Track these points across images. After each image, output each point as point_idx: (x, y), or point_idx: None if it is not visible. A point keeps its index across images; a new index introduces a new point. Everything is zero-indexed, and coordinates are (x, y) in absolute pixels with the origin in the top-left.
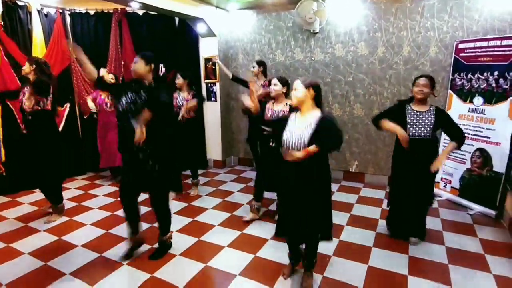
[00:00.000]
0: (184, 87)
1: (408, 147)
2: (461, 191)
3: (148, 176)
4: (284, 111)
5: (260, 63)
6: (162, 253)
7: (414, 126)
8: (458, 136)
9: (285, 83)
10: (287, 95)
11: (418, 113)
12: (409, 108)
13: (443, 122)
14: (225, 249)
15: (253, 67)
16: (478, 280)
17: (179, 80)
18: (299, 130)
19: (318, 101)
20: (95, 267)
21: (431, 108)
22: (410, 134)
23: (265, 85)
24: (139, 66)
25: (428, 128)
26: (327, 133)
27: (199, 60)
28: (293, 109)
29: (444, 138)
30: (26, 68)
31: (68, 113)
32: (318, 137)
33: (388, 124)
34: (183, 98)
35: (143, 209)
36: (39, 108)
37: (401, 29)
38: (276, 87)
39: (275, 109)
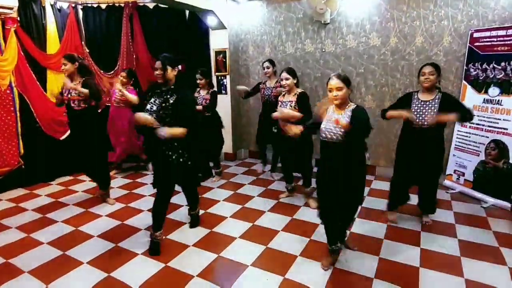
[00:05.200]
0: (205, 86)
1: (416, 128)
2: (474, 183)
3: (176, 171)
4: (292, 101)
5: (273, 62)
6: (196, 222)
7: (418, 116)
8: (463, 111)
9: (294, 74)
10: (297, 85)
11: (423, 103)
12: (415, 97)
13: (449, 105)
14: (237, 240)
15: (267, 67)
16: (493, 272)
17: (202, 81)
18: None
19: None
20: (110, 256)
21: (437, 96)
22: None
23: (277, 87)
24: (170, 72)
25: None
26: (358, 121)
27: (210, 53)
28: (301, 96)
29: (457, 135)
30: (69, 67)
31: None
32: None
33: (392, 113)
34: (202, 97)
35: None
36: (86, 106)
37: (414, 19)
38: (288, 81)
39: (284, 100)
